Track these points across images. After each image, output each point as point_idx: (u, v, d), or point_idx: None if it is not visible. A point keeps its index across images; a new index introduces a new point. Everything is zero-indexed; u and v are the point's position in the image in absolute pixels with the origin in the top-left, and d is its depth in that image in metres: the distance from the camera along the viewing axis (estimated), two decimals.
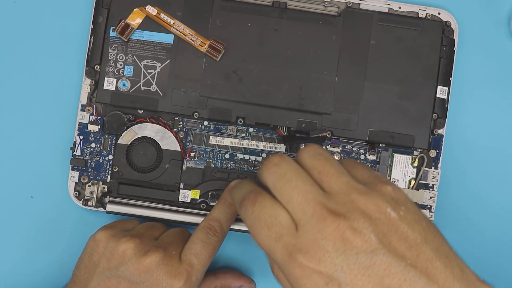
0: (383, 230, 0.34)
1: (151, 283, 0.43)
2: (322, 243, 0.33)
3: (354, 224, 0.33)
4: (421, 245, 0.34)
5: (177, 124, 0.51)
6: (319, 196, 0.35)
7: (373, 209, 0.34)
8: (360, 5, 0.51)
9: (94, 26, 0.50)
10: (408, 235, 0.34)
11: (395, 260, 0.33)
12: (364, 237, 0.33)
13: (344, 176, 0.36)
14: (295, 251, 0.34)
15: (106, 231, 0.45)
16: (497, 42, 0.53)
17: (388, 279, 0.33)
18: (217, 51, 0.50)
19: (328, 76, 0.50)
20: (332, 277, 0.33)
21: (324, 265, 0.33)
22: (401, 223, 0.34)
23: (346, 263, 0.33)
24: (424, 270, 0.33)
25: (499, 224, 0.52)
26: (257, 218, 0.36)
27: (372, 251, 0.33)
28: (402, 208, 0.35)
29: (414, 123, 0.50)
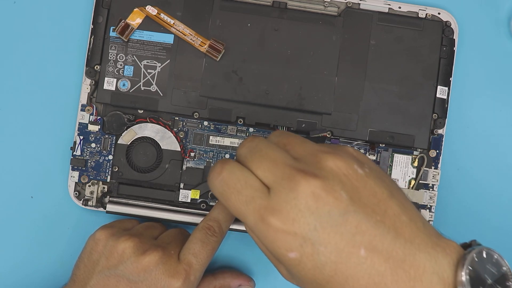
0: (352, 187, 0.34)
1: (149, 282, 0.43)
2: (294, 202, 0.33)
3: (325, 182, 0.33)
4: (388, 200, 0.34)
5: (177, 124, 0.51)
6: (288, 160, 0.35)
7: (341, 167, 0.34)
8: (360, 5, 0.51)
9: (94, 26, 0.50)
10: (375, 190, 0.34)
11: (365, 217, 0.33)
12: (335, 194, 0.33)
13: (308, 143, 0.37)
14: (267, 213, 0.34)
15: (105, 230, 0.46)
16: (497, 42, 0.53)
17: (359, 236, 0.33)
18: (217, 51, 0.50)
19: (328, 76, 0.50)
20: (306, 237, 0.33)
21: (298, 225, 0.33)
22: (368, 179, 0.35)
23: (319, 221, 0.33)
24: (392, 225, 0.34)
25: (499, 224, 0.52)
26: (226, 183, 0.36)
27: (344, 208, 0.33)
28: (365, 166, 0.36)
29: (414, 123, 0.50)
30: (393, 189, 0.36)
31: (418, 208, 0.50)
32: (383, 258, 0.33)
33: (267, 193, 0.35)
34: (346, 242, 0.33)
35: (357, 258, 0.33)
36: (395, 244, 0.33)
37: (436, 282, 0.33)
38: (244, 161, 0.37)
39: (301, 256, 0.33)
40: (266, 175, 0.35)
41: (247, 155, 0.37)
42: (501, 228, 0.52)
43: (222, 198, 0.37)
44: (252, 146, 0.37)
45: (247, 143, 0.38)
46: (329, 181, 0.34)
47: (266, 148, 0.36)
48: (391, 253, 0.33)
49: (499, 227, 0.52)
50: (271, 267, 0.52)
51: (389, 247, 0.33)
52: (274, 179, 0.35)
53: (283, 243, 0.33)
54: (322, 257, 0.33)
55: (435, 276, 0.33)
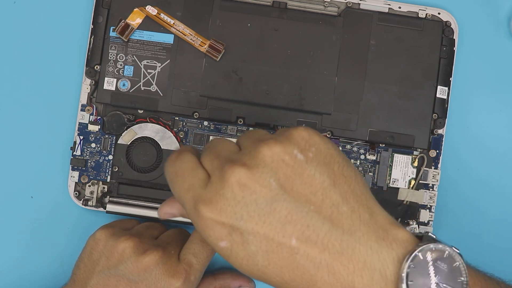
0: (286, 174, 0.33)
1: (149, 281, 0.43)
2: (222, 192, 0.33)
3: (253, 171, 0.33)
4: (328, 189, 0.33)
5: (177, 124, 0.51)
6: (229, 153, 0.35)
7: (276, 153, 0.33)
8: (360, 5, 0.51)
9: (94, 26, 0.50)
10: (314, 178, 0.33)
11: (297, 206, 0.32)
12: (263, 182, 0.33)
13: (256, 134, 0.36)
14: (200, 202, 0.34)
15: (105, 230, 0.46)
16: (497, 42, 0.53)
17: (289, 226, 0.32)
18: (217, 51, 0.50)
19: (328, 76, 0.50)
20: (234, 226, 0.33)
21: (225, 215, 0.33)
22: (307, 165, 0.33)
23: (246, 210, 0.33)
24: (328, 216, 0.33)
25: (499, 224, 0.52)
26: (176, 171, 0.37)
27: (272, 196, 0.33)
28: (312, 149, 0.34)
29: (414, 123, 0.50)
30: (339, 176, 0.34)
31: (417, 208, 0.50)
32: (318, 250, 0.32)
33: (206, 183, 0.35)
34: (276, 231, 0.32)
35: (289, 248, 0.32)
36: (330, 236, 0.32)
37: (378, 279, 0.32)
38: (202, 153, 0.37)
39: (231, 245, 0.33)
40: (207, 165, 0.35)
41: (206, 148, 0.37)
42: (501, 228, 0.52)
43: (170, 184, 0.37)
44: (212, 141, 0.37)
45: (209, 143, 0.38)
46: (258, 169, 0.33)
47: (219, 142, 0.37)
48: (327, 245, 0.32)
49: (499, 227, 0.52)
50: None
51: (324, 238, 0.32)
52: (211, 169, 0.35)
53: (213, 232, 0.33)
54: (253, 247, 0.33)
55: (377, 272, 0.32)
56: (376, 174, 0.51)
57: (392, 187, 0.50)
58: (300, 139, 0.34)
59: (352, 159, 0.51)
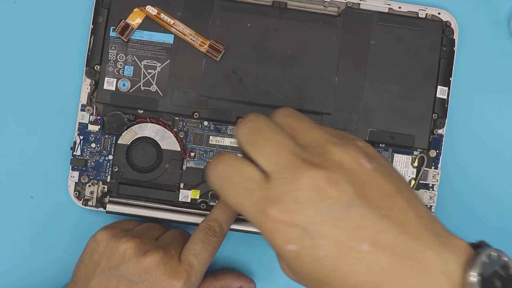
0: (358, 181, 0.33)
1: (150, 282, 0.43)
2: (295, 194, 0.32)
3: (329, 174, 0.32)
4: (394, 195, 0.33)
5: (177, 124, 0.51)
6: (293, 147, 0.34)
7: (348, 160, 0.33)
8: (360, 5, 0.51)
9: (94, 26, 0.50)
10: (382, 185, 0.33)
11: (370, 211, 0.32)
12: (339, 187, 0.32)
13: (317, 130, 0.35)
14: (267, 204, 0.32)
15: (106, 231, 0.46)
16: (497, 42, 0.53)
17: (362, 231, 0.32)
18: (217, 51, 0.50)
19: (328, 76, 0.50)
20: (306, 229, 0.32)
21: (298, 217, 0.32)
22: (375, 173, 0.34)
23: (319, 214, 0.32)
24: (398, 221, 0.33)
25: (500, 224, 0.52)
26: (222, 177, 0.35)
27: (347, 201, 0.32)
28: (374, 160, 0.34)
29: (414, 123, 0.50)
30: (401, 184, 0.34)
31: None
32: (387, 254, 0.32)
33: (266, 182, 0.33)
34: (347, 236, 0.32)
35: (358, 253, 0.32)
36: (401, 240, 0.32)
37: (444, 282, 0.32)
38: (244, 143, 0.35)
39: (300, 248, 0.32)
40: (268, 162, 0.34)
41: (249, 137, 0.35)
42: (501, 228, 0.52)
43: (220, 193, 0.35)
44: (254, 127, 0.35)
45: (249, 122, 0.35)
46: (333, 173, 0.32)
47: (270, 131, 0.34)
48: (396, 249, 0.32)
49: (500, 227, 0.52)
50: (272, 268, 0.52)
51: (394, 243, 0.32)
52: (276, 167, 0.33)
53: (281, 235, 0.32)
54: (322, 251, 0.32)
55: (443, 275, 0.32)
56: None
57: None
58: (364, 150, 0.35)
59: None
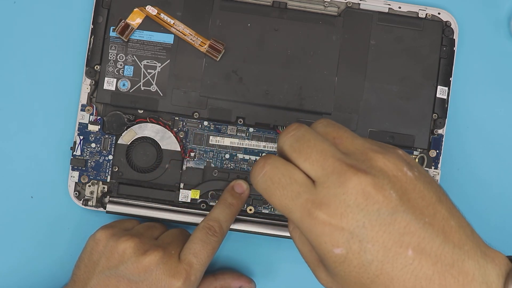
0: (402, 188, 0.34)
1: (150, 282, 0.43)
2: (344, 198, 0.33)
3: (375, 180, 0.33)
4: (436, 204, 0.34)
5: (177, 124, 0.51)
6: (338, 154, 0.34)
7: (391, 167, 0.34)
8: (360, 5, 0.51)
9: (94, 26, 0.50)
10: (424, 194, 0.34)
11: (414, 218, 0.33)
12: (385, 193, 0.33)
13: (358, 139, 0.36)
14: (315, 207, 0.33)
15: (106, 231, 0.46)
16: (497, 42, 0.53)
17: (407, 237, 0.33)
18: (217, 51, 0.50)
19: (328, 76, 0.50)
20: (354, 233, 0.33)
21: (346, 220, 0.33)
22: (417, 182, 0.34)
23: (368, 218, 0.33)
24: (441, 229, 0.33)
25: (500, 224, 0.52)
26: (269, 179, 0.35)
27: (393, 207, 0.33)
28: (415, 169, 0.35)
29: (414, 123, 0.50)
30: (441, 194, 0.35)
31: None
32: (431, 262, 0.32)
33: (313, 186, 0.34)
34: (394, 241, 0.32)
35: (404, 259, 0.32)
36: (443, 248, 0.33)
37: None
38: (289, 151, 0.36)
39: (347, 252, 0.33)
40: (314, 168, 0.34)
41: (294, 145, 0.35)
42: (501, 228, 0.52)
43: (266, 194, 0.36)
44: (298, 136, 0.36)
45: (293, 131, 0.36)
46: (379, 179, 0.33)
47: (314, 139, 0.35)
48: (440, 257, 0.32)
49: (500, 227, 0.52)
50: (272, 268, 0.52)
51: (438, 250, 0.33)
52: (323, 172, 0.34)
53: (329, 238, 0.33)
54: (369, 255, 0.33)
55: (484, 285, 0.32)
56: None
57: None
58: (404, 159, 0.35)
59: None
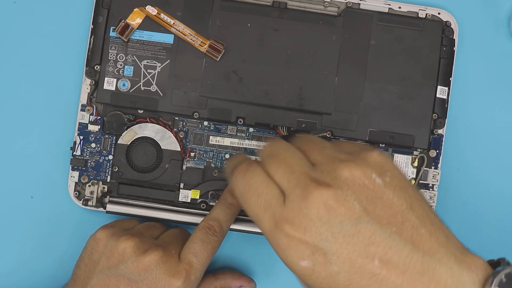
0: (367, 197, 0.34)
1: (150, 281, 0.43)
2: (306, 212, 0.33)
3: (338, 192, 0.33)
4: (406, 212, 0.34)
5: (177, 124, 0.51)
6: (305, 167, 0.35)
7: (357, 176, 0.34)
8: (360, 5, 0.51)
9: (94, 26, 0.50)
10: (393, 202, 0.34)
11: (379, 228, 0.33)
12: (347, 205, 0.33)
13: (327, 149, 0.37)
14: (282, 220, 0.34)
15: (106, 230, 0.46)
16: (497, 42, 0.53)
17: (373, 247, 0.33)
18: (217, 51, 0.50)
19: (328, 76, 0.50)
20: (318, 246, 0.33)
21: (310, 234, 0.33)
22: (386, 189, 0.34)
23: (330, 231, 0.33)
24: (409, 238, 0.33)
25: (500, 224, 0.52)
26: (248, 185, 0.36)
27: (356, 218, 0.33)
28: (388, 174, 0.35)
29: (414, 123, 0.50)
30: (414, 200, 0.35)
31: None
32: (399, 271, 0.32)
33: (283, 200, 0.35)
34: (359, 252, 0.33)
35: (371, 269, 0.33)
36: (412, 257, 0.33)
37: None
38: (264, 164, 0.37)
39: (313, 264, 0.33)
40: (281, 181, 0.35)
41: (266, 160, 0.37)
42: (501, 228, 0.52)
43: (241, 198, 0.37)
44: (272, 151, 0.37)
45: (268, 147, 0.38)
46: (342, 191, 0.33)
47: (285, 152, 0.37)
48: (409, 266, 0.32)
49: (500, 227, 0.52)
50: (272, 268, 0.52)
51: (406, 259, 0.33)
52: (289, 186, 0.35)
53: (295, 251, 0.34)
54: (335, 267, 0.33)
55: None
56: None
57: None
58: (377, 164, 0.35)
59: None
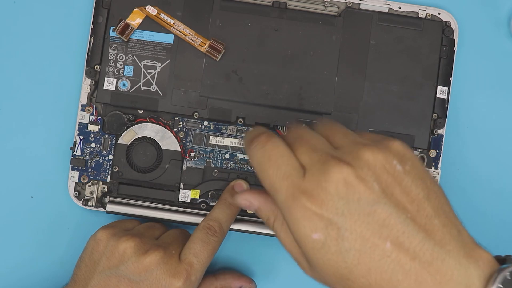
0: (387, 181, 0.34)
1: (150, 282, 0.43)
2: (325, 185, 0.34)
3: (358, 171, 0.34)
4: (422, 201, 0.34)
5: (177, 124, 0.51)
6: (327, 148, 0.36)
7: (378, 160, 0.34)
8: (360, 5, 0.51)
9: (94, 26, 0.50)
10: (411, 189, 0.34)
11: (396, 211, 0.33)
12: (367, 184, 0.33)
13: (350, 134, 0.37)
14: (299, 192, 0.34)
15: (106, 230, 0.46)
16: (497, 42, 0.53)
17: (387, 230, 0.33)
18: (217, 51, 0.50)
19: (328, 76, 0.50)
20: (332, 220, 0.33)
21: (326, 208, 0.33)
22: (405, 176, 0.34)
23: (347, 207, 0.33)
24: (422, 226, 0.33)
25: (499, 224, 0.52)
26: (268, 155, 0.37)
27: (374, 199, 0.33)
28: (408, 163, 0.35)
29: (414, 123, 0.50)
30: (432, 192, 0.35)
31: None
32: (409, 257, 0.33)
33: (303, 174, 0.35)
34: (372, 232, 0.33)
35: (382, 250, 0.33)
36: (423, 245, 0.33)
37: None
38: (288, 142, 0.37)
39: (325, 238, 0.33)
40: (304, 157, 0.36)
41: (290, 140, 0.37)
42: (502, 228, 0.52)
43: (259, 167, 0.37)
44: (297, 133, 0.38)
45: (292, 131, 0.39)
46: (362, 170, 0.34)
47: (308, 135, 0.37)
48: (418, 253, 0.33)
49: (500, 227, 0.52)
50: (272, 268, 0.52)
51: (417, 246, 0.33)
52: (310, 161, 0.35)
53: (308, 223, 0.34)
54: (346, 243, 0.33)
55: (462, 286, 0.32)
56: None
57: None
58: (398, 152, 0.35)
59: None
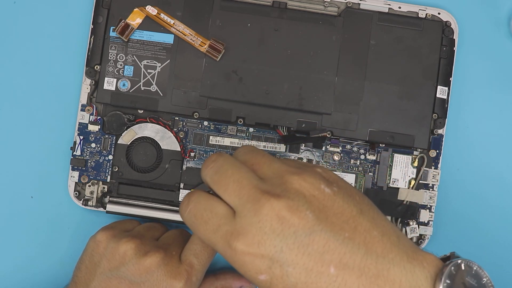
0: (319, 207, 0.34)
1: (151, 283, 0.43)
2: (259, 226, 0.33)
3: (290, 203, 0.34)
4: (357, 216, 0.34)
5: (177, 124, 0.51)
6: (254, 181, 0.35)
7: (307, 187, 0.35)
8: (360, 5, 0.51)
9: (94, 26, 0.50)
10: (344, 208, 0.34)
11: (333, 235, 0.33)
12: (300, 214, 0.33)
13: (276, 162, 0.37)
14: (233, 238, 0.34)
15: (106, 232, 0.46)
16: (497, 42, 0.53)
17: (328, 255, 0.33)
18: (217, 51, 0.50)
19: (328, 76, 0.50)
20: (274, 259, 0.33)
21: (264, 247, 0.33)
22: (336, 197, 0.35)
23: (285, 243, 0.33)
24: (362, 241, 0.34)
25: (499, 224, 0.52)
26: (194, 215, 0.37)
27: (309, 227, 0.33)
28: (334, 184, 0.36)
29: (414, 123, 0.50)
30: (363, 205, 0.35)
31: (417, 208, 0.50)
32: (355, 275, 0.33)
33: (233, 217, 0.35)
34: (315, 261, 0.33)
35: (327, 277, 0.33)
36: (366, 260, 0.33)
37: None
38: (211, 183, 0.37)
39: (271, 278, 0.34)
40: (232, 198, 0.35)
41: (213, 177, 0.37)
42: (501, 228, 0.52)
43: (192, 229, 0.37)
44: (217, 167, 0.37)
45: (212, 163, 0.38)
46: (294, 201, 0.34)
47: (231, 168, 0.36)
48: (364, 269, 0.33)
49: (500, 226, 0.52)
50: None
51: (361, 263, 0.33)
52: (240, 202, 0.35)
53: (251, 266, 0.34)
54: (292, 278, 0.33)
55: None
56: (376, 174, 0.51)
57: (392, 187, 0.51)
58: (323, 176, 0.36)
59: (352, 159, 0.51)
